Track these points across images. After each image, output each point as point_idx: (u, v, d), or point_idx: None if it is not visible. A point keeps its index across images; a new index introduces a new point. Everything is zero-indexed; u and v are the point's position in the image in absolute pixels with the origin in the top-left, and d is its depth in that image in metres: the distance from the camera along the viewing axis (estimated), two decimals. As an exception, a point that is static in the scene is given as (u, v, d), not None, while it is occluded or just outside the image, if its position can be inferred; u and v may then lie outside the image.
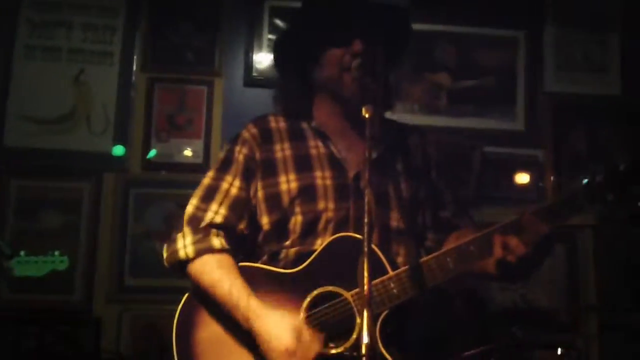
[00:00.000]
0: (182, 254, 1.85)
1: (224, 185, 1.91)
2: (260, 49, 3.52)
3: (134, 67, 3.44)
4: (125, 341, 3.23)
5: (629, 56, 3.76)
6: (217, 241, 1.85)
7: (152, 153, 3.40)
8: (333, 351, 1.65)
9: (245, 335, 1.74)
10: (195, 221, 1.88)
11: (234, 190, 1.90)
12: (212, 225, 1.87)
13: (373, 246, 1.69)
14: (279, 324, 1.67)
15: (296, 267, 1.81)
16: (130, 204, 3.34)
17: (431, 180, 2.00)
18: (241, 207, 1.90)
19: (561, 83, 3.70)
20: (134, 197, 3.35)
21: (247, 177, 1.91)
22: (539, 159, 3.61)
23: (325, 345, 1.65)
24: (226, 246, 1.86)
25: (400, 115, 3.48)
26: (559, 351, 2.43)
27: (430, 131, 3.32)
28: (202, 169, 3.39)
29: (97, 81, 3.41)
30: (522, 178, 3.55)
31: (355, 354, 1.33)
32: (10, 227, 3.23)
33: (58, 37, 3.41)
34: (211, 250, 1.84)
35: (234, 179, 1.91)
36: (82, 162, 3.35)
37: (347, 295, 1.70)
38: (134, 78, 3.43)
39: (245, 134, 1.96)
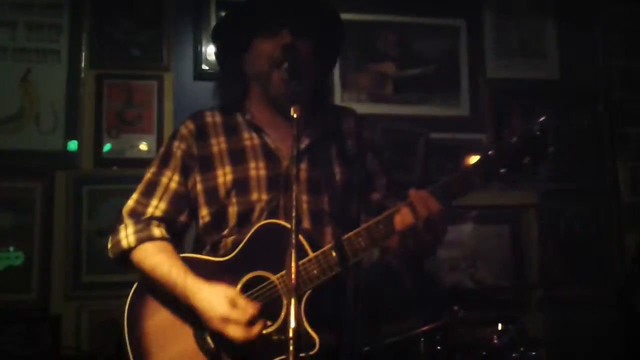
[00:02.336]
0: (124, 243, 1.93)
1: (164, 180, 1.98)
2: (208, 42, 3.55)
3: (82, 65, 3.44)
4: (85, 337, 3.25)
5: (566, 41, 3.91)
6: (157, 231, 1.94)
7: (107, 147, 3.41)
8: (264, 331, 1.73)
9: (188, 316, 1.84)
10: (136, 214, 1.97)
11: (173, 185, 1.98)
12: (152, 218, 1.96)
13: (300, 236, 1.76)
14: (214, 294, 1.76)
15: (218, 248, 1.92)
16: (83, 201, 3.35)
17: (365, 164, 2.06)
18: (180, 200, 1.98)
19: (501, 69, 3.83)
20: (86, 193, 3.36)
21: (185, 172, 1.98)
22: (482, 143, 3.73)
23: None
24: (166, 235, 1.95)
25: (347, 104, 3.58)
26: (499, 326, 2.54)
27: (377, 119, 3.54)
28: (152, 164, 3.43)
29: (45, 80, 3.39)
30: (467, 162, 3.67)
31: (282, 337, 1.39)
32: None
33: (2, 37, 3.38)
34: (152, 238, 1.93)
35: (173, 174, 1.99)
36: (32, 161, 3.34)
37: (274, 278, 1.79)
38: (82, 75, 3.43)
39: (183, 130, 2.02)
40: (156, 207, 1.96)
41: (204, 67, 3.54)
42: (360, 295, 1.78)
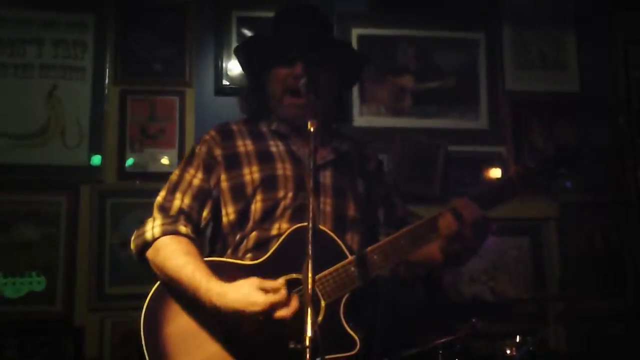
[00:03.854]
0: (148, 235, 1.96)
1: (187, 177, 2.06)
2: (229, 58, 3.60)
3: (106, 81, 3.51)
4: (108, 349, 3.29)
5: (585, 53, 3.90)
6: (184, 228, 1.97)
7: (130, 161, 3.47)
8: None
9: (212, 321, 1.83)
10: (164, 209, 2.02)
11: (196, 181, 2.05)
12: (180, 211, 2.00)
13: (331, 233, 1.87)
14: (244, 289, 1.74)
15: (256, 252, 1.93)
16: (107, 214, 3.41)
17: (385, 185, 2.14)
18: (203, 195, 2.04)
19: (521, 82, 3.83)
20: (110, 207, 3.42)
21: (208, 169, 2.06)
22: (502, 156, 3.73)
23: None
24: (192, 234, 1.99)
25: (367, 117, 3.67)
26: (517, 338, 2.53)
27: (395, 132, 3.56)
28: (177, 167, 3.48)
29: (70, 96, 3.47)
30: (486, 175, 3.67)
31: (299, 345, 1.41)
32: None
33: (29, 54, 3.47)
34: (177, 233, 1.95)
35: (196, 172, 2.06)
36: (58, 176, 3.41)
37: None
38: (106, 91, 3.50)
39: (206, 136, 2.14)
40: (182, 200, 2.02)
41: (225, 82, 3.59)
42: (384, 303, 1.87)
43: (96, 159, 3.44)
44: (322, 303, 1.80)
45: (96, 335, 3.30)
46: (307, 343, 1.38)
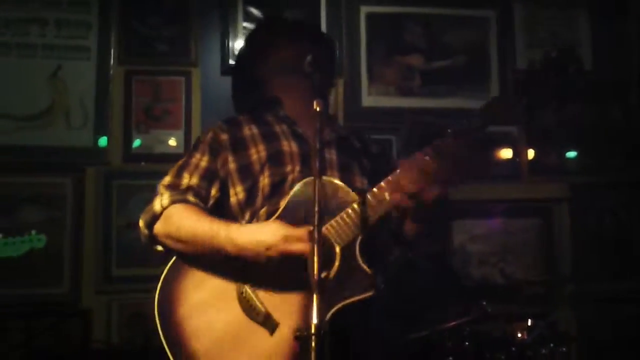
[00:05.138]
0: (157, 207, 1.94)
1: (193, 160, 2.05)
2: (235, 37, 3.55)
3: (111, 61, 3.46)
4: (115, 331, 3.29)
5: (598, 32, 3.83)
6: (192, 198, 1.96)
7: (137, 143, 3.44)
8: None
9: (231, 278, 1.84)
10: (172, 186, 2.00)
11: (203, 163, 2.04)
12: (189, 187, 1.99)
13: (337, 181, 1.91)
14: (262, 226, 1.80)
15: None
16: (113, 196, 3.39)
17: (391, 164, 2.11)
18: (211, 175, 2.03)
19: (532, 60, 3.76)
20: (116, 189, 3.40)
21: (213, 152, 2.05)
22: (513, 135, 3.68)
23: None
24: (201, 204, 1.97)
25: (375, 97, 3.61)
26: (529, 322, 2.51)
27: (404, 112, 3.53)
28: (182, 158, 3.45)
29: (74, 76, 3.43)
30: (497, 155, 3.63)
31: (305, 332, 1.39)
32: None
33: (33, 34, 3.42)
34: (187, 201, 1.95)
35: (202, 155, 2.06)
36: (63, 157, 3.38)
37: (323, 229, 1.78)
38: (111, 71, 3.46)
39: (212, 127, 2.14)
40: (189, 179, 2.00)
41: (232, 61, 3.54)
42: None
43: (102, 141, 3.42)
44: (337, 248, 1.79)
45: (103, 317, 3.30)
46: (313, 330, 1.36)
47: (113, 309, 3.30)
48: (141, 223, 1.99)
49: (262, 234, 1.76)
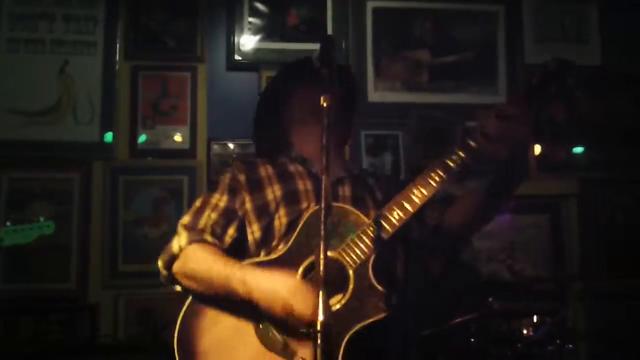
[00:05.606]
0: (175, 247, 1.96)
1: (213, 201, 2.07)
2: (241, 32, 3.55)
3: (117, 56, 3.46)
4: (122, 325, 3.29)
5: (608, 25, 3.79)
6: (210, 238, 1.97)
7: (143, 138, 3.44)
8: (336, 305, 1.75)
9: (248, 317, 1.83)
10: (191, 225, 2.01)
11: (222, 203, 2.06)
12: (206, 226, 2.00)
13: (348, 206, 1.91)
14: (274, 281, 1.77)
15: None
16: (119, 191, 3.39)
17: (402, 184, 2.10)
18: (230, 214, 2.04)
19: (541, 55, 3.72)
20: (122, 184, 3.40)
21: (233, 192, 2.07)
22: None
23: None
24: (218, 244, 1.98)
25: (381, 92, 3.59)
26: (535, 318, 2.49)
27: (411, 107, 3.50)
28: (188, 154, 3.45)
29: (81, 71, 3.43)
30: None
31: (311, 329, 1.40)
32: (1, 220, 3.25)
33: (40, 30, 3.43)
34: (204, 241, 1.96)
35: (221, 195, 2.07)
36: (70, 152, 3.39)
37: (334, 254, 1.80)
38: (117, 67, 3.46)
39: (230, 167, 2.16)
40: (208, 217, 2.02)
41: (237, 57, 3.54)
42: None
43: (109, 136, 3.42)
44: (350, 272, 1.79)
45: (110, 312, 3.31)
46: (319, 328, 1.36)
47: (120, 304, 3.31)
48: (160, 263, 2.01)
49: (276, 284, 1.76)
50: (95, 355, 3.17)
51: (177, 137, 3.46)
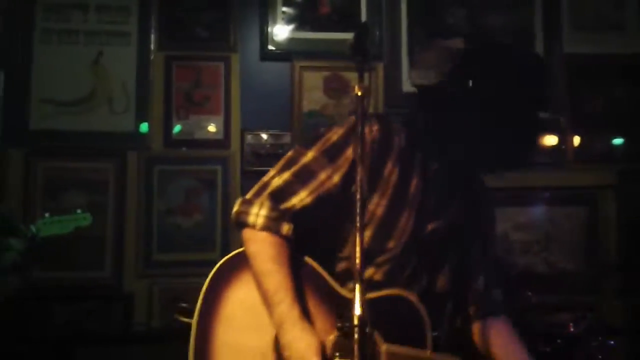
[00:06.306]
0: (251, 219, 1.80)
1: (322, 176, 1.84)
2: (274, 22, 3.53)
3: (152, 47, 3.48)
4: (156, 314, 3.33)
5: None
6: (286, 227, 1.81)
7: (177, 129, 3.46)
8: None
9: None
10: (278, 198, 1.83)
11: (328, 185, 1.84)
12: (292, 208, 1.82)
13: (416, 303, 1.77)
14: (301, 340, 1.68)
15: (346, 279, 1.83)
16: (154, 181, 3.41)
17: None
18: (326, 202, 1.85)
19: (579, 44, 3.65)
20: (157, 174, 3.42)
21: (347, 179, 1.83)
22: (560, 122, 3.58)
23: None
24: (291, 236, 1.82)
25: (414, 82, 3.53)
26: (576, 313, 2.44)
27: None
28: (222, 144, 3.46)
29: (116, 62, 3.45)
30: (544, 142, 3.53)
31: (347, 324, 1.36)
32: (38, 209, 3.28)
33: (75, 20, 3.45)
34: (277, 232, 1.80)
35: (334, 173, 1.84)
36: (105, 142, 3.41)
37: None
38: (151, 57, 3.47)
39: (368, 135, 1.82)
40: (302, 200, 1.83)
41: (270, 47, 3.52)
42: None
43: (144, 126, 3.44)
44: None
45: (144, 301, 3.34)
46: (355, 322, 1.34)
47: (154, 292, 3.34)
48: (234, 212, 1.86)
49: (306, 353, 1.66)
50: (129, 343, 3.21)
51: (211, 128, 3.47)
